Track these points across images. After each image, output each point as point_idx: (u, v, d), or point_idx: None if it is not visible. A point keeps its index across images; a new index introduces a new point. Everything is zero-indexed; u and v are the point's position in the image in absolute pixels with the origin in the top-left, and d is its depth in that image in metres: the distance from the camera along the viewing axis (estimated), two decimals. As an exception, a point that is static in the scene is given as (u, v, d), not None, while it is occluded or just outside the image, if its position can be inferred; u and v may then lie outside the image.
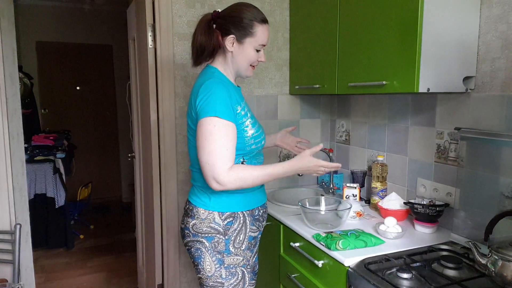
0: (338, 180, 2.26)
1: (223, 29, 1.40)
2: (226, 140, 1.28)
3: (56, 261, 3.59)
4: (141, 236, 2.72)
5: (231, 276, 1.43)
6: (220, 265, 1.41)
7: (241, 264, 1.44)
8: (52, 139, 4.03)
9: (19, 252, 2.03)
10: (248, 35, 1.39)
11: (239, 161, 1.41)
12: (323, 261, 1.49)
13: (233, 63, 1.44)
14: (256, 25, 1.39)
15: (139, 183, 2.69)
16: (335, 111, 2.43)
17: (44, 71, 5.07)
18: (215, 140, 1.27)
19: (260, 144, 1.45)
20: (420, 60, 1.36)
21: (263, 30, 1.41)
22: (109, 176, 5.55)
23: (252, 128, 1.41)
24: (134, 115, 2.73)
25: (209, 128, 1.27)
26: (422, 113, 1.76)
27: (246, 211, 1.44)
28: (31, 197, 3.57)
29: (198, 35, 1.41)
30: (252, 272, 1.50)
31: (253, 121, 1.45)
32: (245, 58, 1.42)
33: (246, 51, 1.41)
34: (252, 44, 1.41)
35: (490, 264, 1.12)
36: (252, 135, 1.40)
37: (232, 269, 1.43)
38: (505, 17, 1.38)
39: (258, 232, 1.50)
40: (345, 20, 1.76)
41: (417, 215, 1.61)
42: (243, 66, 1.44)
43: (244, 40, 1.40)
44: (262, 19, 1.41)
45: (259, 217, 1.50)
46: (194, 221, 1.42)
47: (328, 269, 1.47)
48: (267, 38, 1.44)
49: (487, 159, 1.40)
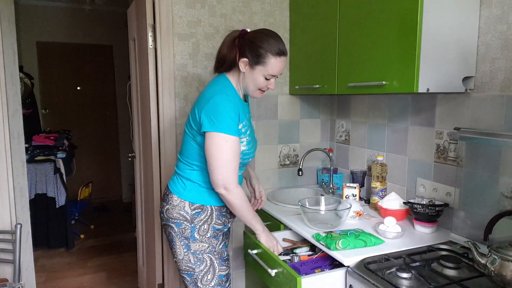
0: (338, 180, 2.26)
1: (241, 50, 1.46)
2: (235, 155, 1.43)
3: (56, 260, 3.59)
4: (142, 235, 2.72)
5: (199, 263, 1.52)
6: (187, 250, 1.52)
7: (207, 251, 1.53)
8: (53, 139, 4.03)
9: (19, 251, 2.04)
10: (260, 63, 1.44)
11: None
12: (276, 270, 1.45)
13: (243, 82, 1.51)
14: (270, 57, 1.43)
15: (139, 183, 2.70)
16: (335, 111, 2.44)
17: (44, 71, 5.07)
18: (227, 154, 1.41)
19: (246, 161, 1.57)
20: (419, 60, 1.36)
21: (276, 62, 1.44)
22: (110, 176, 5.55)
23: (246, 145, 1.52)
24: (134, 115, 2.74)
25: (221, 143, 1.40)
26: (422, 113, 1.77)
27: (214, 206, 1.54)
28: (32, 197, 3.57)
29: (223, 47, 1.50)
30: (220, 258, 1.57)
31: (250, 138, 1.54)
32: (253, 82, 1.48)
33: (255, 76, 1.47)
34: (262, 72, 1.46)
35: (490, 264, 1.12)
36: (242, 151, 1.50)
37: (199, 255, 1.52)
38: (505, 17, 1.38)
39: (223, 225, 1.59)
40: (345, 20, 1.76)
41: (416, 215, 1.62)
42: (251, 88, 1.51)
43: (255, 66, 1.45)
44: (277, 52, 1.44)
45: (226, 214, 1.59)
46: (167, 206, 1.56)
47: (281, 277, 1.42)
48: (279, 69, 1.47)
49: (486, 159, 1.40)
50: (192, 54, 2.11)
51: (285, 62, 1.49)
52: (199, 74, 2.13)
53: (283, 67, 1.49)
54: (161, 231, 2.17)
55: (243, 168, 1.64)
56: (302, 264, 1.56)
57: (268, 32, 1.48)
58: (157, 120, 2.11)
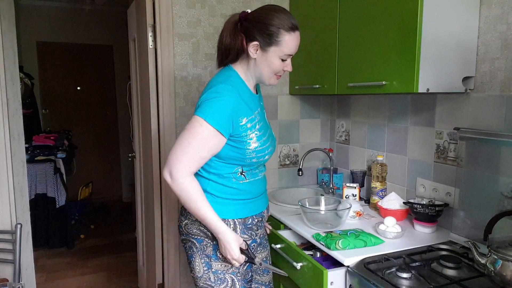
0: (337, 180, 2.27)
1: (248, 33, 1.30)
2: (203, 146, 1.26)
3: (56, 260, 3.59)
4: (142, 236, 2.72)
5: (219, 282, 1.39)
6: (208, 268, 1.39)
7: (230, 272, 1.39)
8: (53, 139, 4.04)
9: (19, 251, 2.04)
10: (273, 44, 1.29)
11: (238, 171, 1.37)
12: (301, 263, 1.48)
13: (256, 70, 1.35)
14: (283, 34, 1.28)
15: (139, 183, 2.70)
16: (335, 111, 2.44)
17: (44, 72, 5.08)
18: (194, 140, 1.25)
19: (262, 159, 1.39)
20: (419, 60, 1.36)
21: (291, 39, 1.29)
22: (110, 176, 5.55)
23: (257, 141, 1.34)
24: (135, 115, 2.74)
25: (195, 126, 1.25)
26: (422, 113, 1.77)
27: (237, 219, 1.39)
28: (32, 197, 3.58)
29: (224, 36, 1.34)
30: (243, 280, 1.43)
31: (261, 133, 1.37)
32: (268, 67, 1.33)
33: (270, 60, 1.31)
34: (277, 53, 1.30)
35: (490, 264, 1.12)
36: (254, 149, 1.34)
37: (220, 275, 1.39)
38: (505, 17, 1.38)
39: (250, 240, 1.44)
40: (345, 20, 1.76)
41: (416, 215, 1.62)
42: (266, 74, 1.35)
43: (268, 48, 1.29)
44: (290, 26, 1.28)
45: (252, 226, 1.44)
46: (186, 221, 1.42)
47: (307, 271, 1.45)
48: (295, 47, 1.32)
49: (486, 159, 1.40)
50: (192, 54, 2.11)
51: (299, 38, 1.33)
52: (199, 74, 2.13)
53: (298, 44, 1.33)
54: (161, 231, 2.17)
55: (263, 169, 1.48)
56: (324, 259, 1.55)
57: (275, 7, 1.31)
58: (157, 120, 2.11)
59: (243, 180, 1.39)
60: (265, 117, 1.48)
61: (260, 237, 1.55)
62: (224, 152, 1.32)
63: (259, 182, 1.45)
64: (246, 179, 1.39)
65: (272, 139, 1.45)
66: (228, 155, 1.33)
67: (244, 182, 1.39)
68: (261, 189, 1.47)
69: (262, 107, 1.49)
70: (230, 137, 1.31)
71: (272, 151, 1.44)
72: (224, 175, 1.36)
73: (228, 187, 1.37)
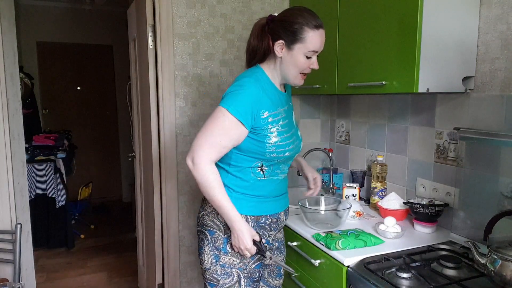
0: (337, 180, 2.27)
1: (274, 33, 1.35)
2: (224, 134, 1.30)
3: (56, 260, 3.59)
4: (142, 235, 2.72)
5: (226, 276, 1.41)
6: (216, 261, 1.41)
7: (238, 267, 1.41)
8: (53, 139, 4.04)
9: (19, 251, 2.04)
10: (298, 41, 1.32)
11: (257, 165, 1.38)
12: (320, 260, 1.50)
13: (282, 69, 1.38)
14: (307, 31, 1.31)
15: (139, 183, 2.70)
16: (335, 111, 2.44)
17: (44, 72, 5.07)
18: (217, 129, 1.29)
19: (282, 154, 1.38)
20: (419, 60, 1.36)
21: (315, 36, 1.32)
22: (110, 176, 5.55)
23: (278, 136, 1.36)
24: (135, 115, 2.74)
25: (218, 116, 1.30)
26: (422, 113, 1.77)
27: (251, 216, 1.40)
28: (32, 197, 3.58)
29: (252, 38, 1.40)
30: (249, 278, 1.44)
31: (284, 130, 1.39)
32: (294, 65, 1.36)
33: (295, 57, 1.34)
34: (301, 50, 1.33)
35: (490, 264, 1.12)
36: (274, 143, 1.35)
37: (228, 269, 1.41)
38: (505, 17, 1.38)
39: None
40: (345, 20, 1.77)
41: (416, 215, 1.62)
42: (292, 73, 1.38)
43: (293, 46, 1.33)
44: (315, 25, 1.32)
45: (265, 226, 1.44)
46: (202, 212, 1.46)
47: (325, 268, 1.47)
48: (320, 44, 1.34)
49: (486, 159, 1.40)
50: (192, 54, 2.11)
51: (324, 36, 1.35)
52: (199, 74, 2.13)
53: (323, 41, 1.35)
54: (161, 231, 2.17)
55: (285, 170, 1.48)
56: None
57: (300, 8, 1.36)
58: (157, 120, 2.11)
59: (261, 177, 1.40)
60: (292, 117, 1.50)
61: (278, 241, 1.56)
62: (244, 144, 1.35)
63: (278, 183, 1.46)
64: (265, 176, 1.40)
65: (296, 138, 1.46)
66: (248, 148, 1.35)
67: (262, 180, 1.40)
68: (279, 191, 1.47)
69: (291, 107, 1.52)
70: (252, 129, 1.33)
71: (295, 149, 1.45)
72: (243, 169, 1.38)
73: (245, 182, 1.39)
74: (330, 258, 1.44)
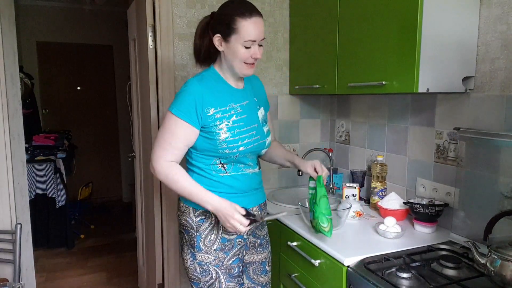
0: (338, 180, 2.27)
1: (212, 29, 1.36)
2: (172, 136, 1.34)
3: (56, 260, 3.59)
4: (142, 235, 2.72)
5: (205, 274, 1.43)
6: (193, 259, 1.44)
7: (214, 264, 1.43)
8: (53, 139, 4.04)
9: (19, 251, 2.04)
10: (232, 32, 1.30)
11: (216, 163, 1.40)
12: (319, 260, 1.50)
13: (227, 63, 1.38)
14: (238, 20, 1.28)
15: (139, 183, 2.70)
16: (334, 111, 2.44)
17: (44, 71, 5.08)
18: (165, 131, 1.35)
19: (236, 149, 1.37)
20: (419, 60, 1.36)
21: (248, 24, 1.28)
22: (110, 176, 5.55)
23: (228, 132, 1.36)
24: (135, 115, 2.74)
25: (165, 119, 1.37)
26: (422, 113, 1.77)
27: None
28: (32, 197, 3.58)
29: (195, 38, 1.44)
30: (228, 274, 1.44)
31: (237, 125, 1.38)
32: (235, 57, 1.33)
33: (234, 49, 1.32)
34: (238, 41, 1.30)
35: (490, 264, 1.12)
36: (225, 139, 1.35)
37: (205, 267, 1.43)
38: (505, 17, 1.38)
39: (235, 235, 1.44)
40: (345, 20, 1.76)
41: (416, 215, 1.62)
42: (236, 65, 1.36)
43: (229, 38, 1.31)
44: (245, 13, 1.28)
45: None
46: (178, 212, 1.50)
47: (325, 268, 1.47)
48: (255, 32, 1.30)
49: (486, 159, 1.40)
50: (192, 54, 2.09)
51: (261, 23, 1.31)
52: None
53: (261, 29, 1.31)
54: (161, 231, 2.17)
55: (253, 166, 1.47)
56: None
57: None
58: (157, 120, 2.11)
59: (223, 173, 1.42)
60: (257, 112, 1.48)
61: (261, 238, 1.58)
62: (199, 143, 1.39)
63: (245, 178, 1.45)
64: (227, 172, 1.42)
65: (258, 133, 1.44)
66: (202, 146, 1.39)
67: (225, 176, 1.42)
68: (247, 186, 1.46)
69: (255, 102, 1.49)
70: (202, 128, 1.37)
71: (253, 144, 1.42)
72: (204, 167, 1.42)
73: (209, 179, 1.41)
74: (330, 258, 1.44)
